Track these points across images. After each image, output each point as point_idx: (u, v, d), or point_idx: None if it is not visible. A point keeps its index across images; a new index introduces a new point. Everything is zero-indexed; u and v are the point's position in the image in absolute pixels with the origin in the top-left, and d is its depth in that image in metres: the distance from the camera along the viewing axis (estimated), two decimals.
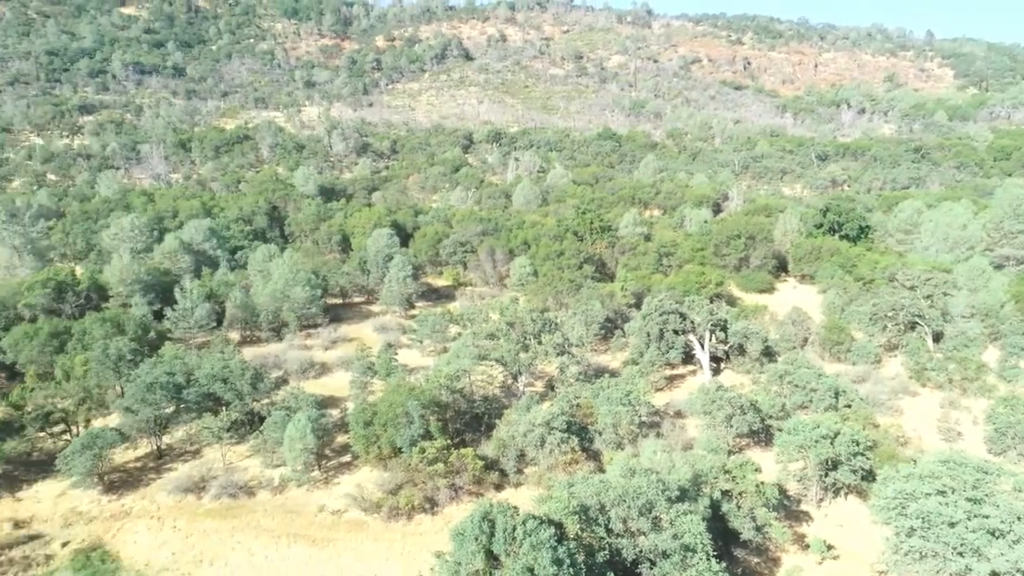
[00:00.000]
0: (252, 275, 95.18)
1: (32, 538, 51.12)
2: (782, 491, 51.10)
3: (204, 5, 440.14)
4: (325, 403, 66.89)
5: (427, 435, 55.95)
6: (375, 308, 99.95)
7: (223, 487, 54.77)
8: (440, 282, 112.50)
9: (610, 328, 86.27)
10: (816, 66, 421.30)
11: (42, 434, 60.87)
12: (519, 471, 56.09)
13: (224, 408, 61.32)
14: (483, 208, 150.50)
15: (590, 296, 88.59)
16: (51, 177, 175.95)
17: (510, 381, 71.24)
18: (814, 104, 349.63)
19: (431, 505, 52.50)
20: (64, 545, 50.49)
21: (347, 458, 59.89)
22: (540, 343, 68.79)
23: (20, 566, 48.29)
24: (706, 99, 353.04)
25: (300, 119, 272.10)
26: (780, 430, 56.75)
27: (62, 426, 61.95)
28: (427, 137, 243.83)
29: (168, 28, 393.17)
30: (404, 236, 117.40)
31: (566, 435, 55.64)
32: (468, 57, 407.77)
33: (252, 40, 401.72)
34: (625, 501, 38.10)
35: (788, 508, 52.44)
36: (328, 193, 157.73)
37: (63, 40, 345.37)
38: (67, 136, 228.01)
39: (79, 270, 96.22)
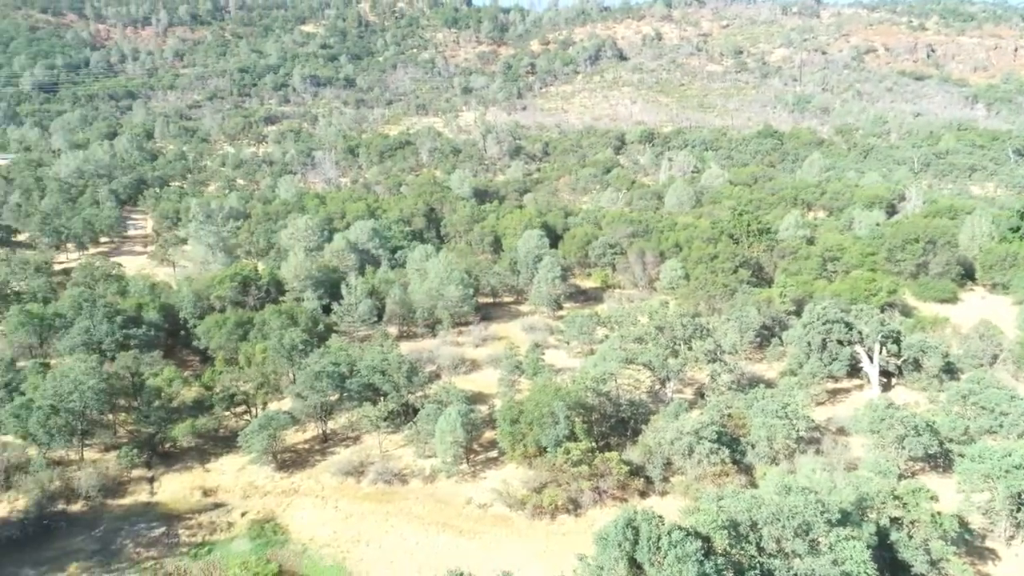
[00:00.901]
0: (410, 273, 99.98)
1: (217, 506, 56.93)
2: (963, 524, 45.96)
3: (373, 19, 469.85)
4: (474, 399, 68.92)
5: (572, 436, 56.06)
6: (524, 308, 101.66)
7: (379, 473, 58.05)
8: (588, 283, 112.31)
9: (766, 336, 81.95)
10: (1016, 50, 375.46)
11: (227, 413, 67.72)
12: (665, 479, 54.76)
13: (382, 398, 64.95)
14: (634, 209, 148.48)
15: (745, 302, 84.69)
16: (240, 182, 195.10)
17: (658, 386, 69.72)
18: (1012, 93, 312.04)
19: (574, 506, 52.54)
20: (243, 515, 55.77)
21: (494, 454, 61.36)
22: (690, 349, 66.72)
23: (207, 530, 53.97)
24: (881, 91, 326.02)
25: (457, 124, 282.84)
26: (963, 456, 51.14)
27: (244, 407, 68.63)
28: (579, 139, 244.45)
29: (341, 43, 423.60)
30: (554, 237, 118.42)
31: (716, 446, 53.56)
32: (622, 57, 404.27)
33: (415, 50, 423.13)
34: (779, 520, 35.98)
35: (970, 543, 47.10)
36: (482, 195, 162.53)
37: (252, 58, 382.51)
38: (254, 144, 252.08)
39: (261, 266, 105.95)
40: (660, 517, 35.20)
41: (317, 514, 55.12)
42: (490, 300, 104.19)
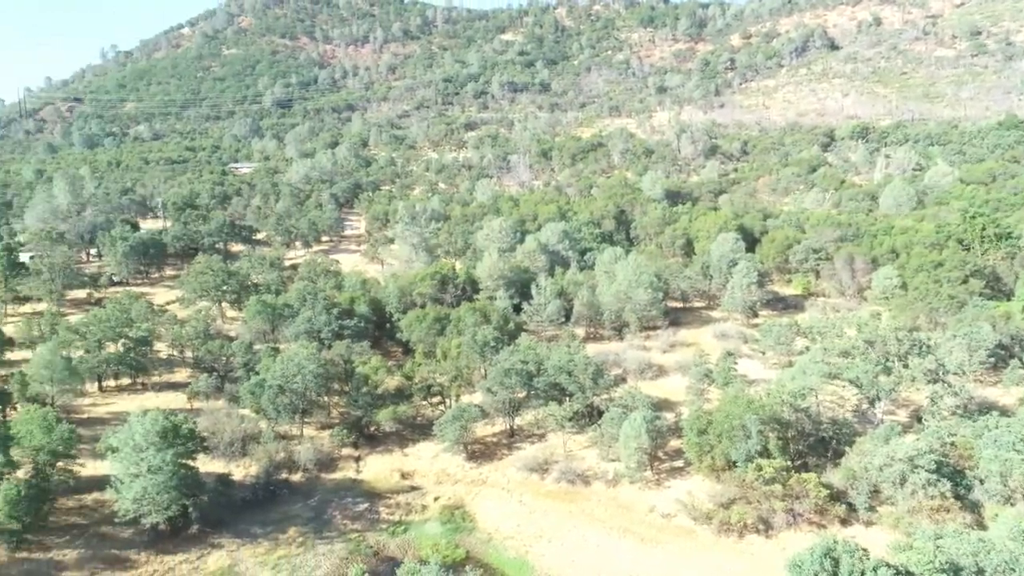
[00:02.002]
0: (599, 275, 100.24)
1: (413, 488, 61.05)
2: None
3: (569, 24, 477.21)
4: (660, 405, 67.53)
5: (765, 452, 52.98)
6: (715, 314, 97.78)
7: (563, 472, 58.86)
8: (788, 290, 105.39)
9: (1002, 356, 71.61)
10: None
11: (424, 402, 72.37)
12: (871, 508, 49.89)
13: (568, 398, 65.83)
14: (842, 211, 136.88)
15: (977, 316, 74.68)
16: (441, 185, 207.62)
17: (865, 406, 63.67)
18: None
19: (765, 527, 49.60)
20: (435, 499, 59.29)
21: (679, 463, 59.69)
22: (906, 367, 60.15)
23: (404, 510, 58.06)
24: None
25: (650, 124, 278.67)
26: None
27: (439, 398, 72.91)
28: (781, 136, 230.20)
29: (538, 49, 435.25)
30: (751, 241, 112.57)
31: (935, 477, 47.79)
32: (833, 47, 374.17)
33: (609, 52, 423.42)
34: (1015, 571, 31.33)
35: None
36: (673, 197, 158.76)
37: (455, 68, 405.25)
38: (455, 150, 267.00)
39: (458, 265, 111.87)
40: (864, 550, 32.18)
41: (502, 506, 57.09)
42: (680, 304, 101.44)
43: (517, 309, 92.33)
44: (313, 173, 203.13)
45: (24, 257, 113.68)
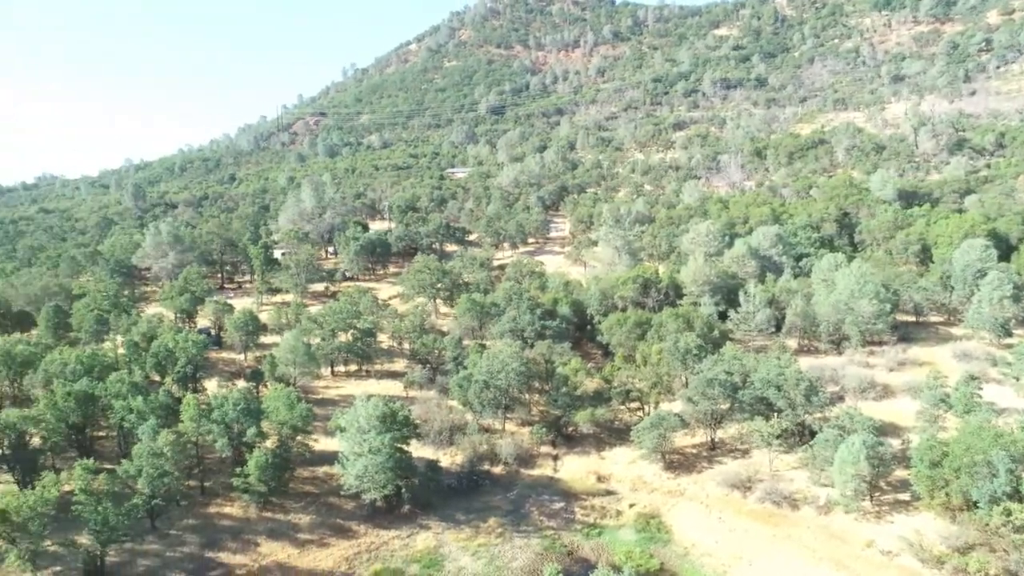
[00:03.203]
0: (815, 283, 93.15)
1: (608, 493, 61.11)
2: None
3: (790, 14, 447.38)
4: (884, 430, 61.01)
5: (1015, 495, 45.80)
6: (956, 331, 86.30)
7: (767, 492, 55.50)
8: None
9: None
10: None
11: (622, 407, 72.10)
12: None
13: (775, 415, 61.93)
14: None
15: None
16: (647, 187, 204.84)
17: None
18: None
19: None
20: (631, 506, 58.84)
21: (904, 496, 53.61)
22: None
23: (598, 513, 58.35)
24: None
25: (882, 118, 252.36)
26: None
27: (637, 403, 72.21)
28: None
29: (754, 42, 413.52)
30: (1005, 248, 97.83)
31: None
32: None
33: (836, 40, 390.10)
34: None
35: None
36: (908, 198, 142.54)
37: (665, 67, 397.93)
38: (662, 151, 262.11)
39: (661, 269, 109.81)
40: None
41: (700, 521, 55.18)
42: (912, 319, 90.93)
43: (723, 316, 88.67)
44: (522, 177, 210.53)
45: (277, 254, 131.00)
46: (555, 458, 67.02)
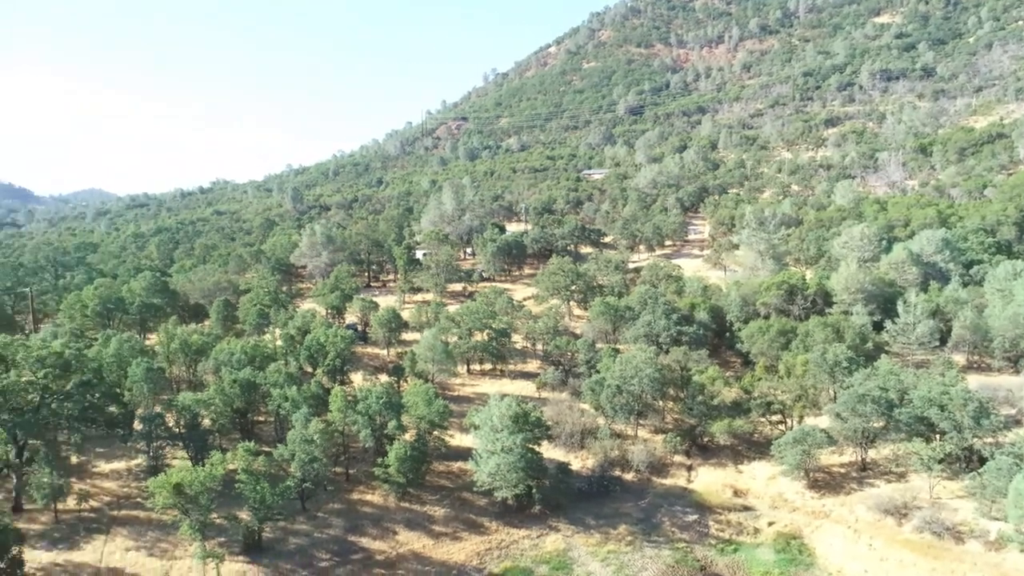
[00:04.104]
0: (989, 294, 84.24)
1: (746, 508, 58.48)
2: None
3: None
4: None
5: None
6: None
7: (927, 521, 50.84)
8: None
9: None
10: None
11: (763, 419, 68.72)
12: None
13: (938, 437, 56.64)
14: None
15: None
16: (794, 188, 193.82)
17: None
18: None
19: None
20: (770, 524, 56.00)
21: None
22: None
23: (734, 529, 56.01)
24: None
25: None
26: None
27: (779, 416, 68.56)
28: None
29: (921, 28, 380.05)
30: None
31: None
32: None
33: (1021, 23, 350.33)
34: None
35: None
36: None
37: (818, 60, 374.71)
38: (812, 149, 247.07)
39: (809, 275, 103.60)
40: None
41: (847, 546, 51.57)
42: None
43: (877, 327, 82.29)
44: (660, 178, 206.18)
45: (419, 254, 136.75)
46: (689, 468, 65.08)
